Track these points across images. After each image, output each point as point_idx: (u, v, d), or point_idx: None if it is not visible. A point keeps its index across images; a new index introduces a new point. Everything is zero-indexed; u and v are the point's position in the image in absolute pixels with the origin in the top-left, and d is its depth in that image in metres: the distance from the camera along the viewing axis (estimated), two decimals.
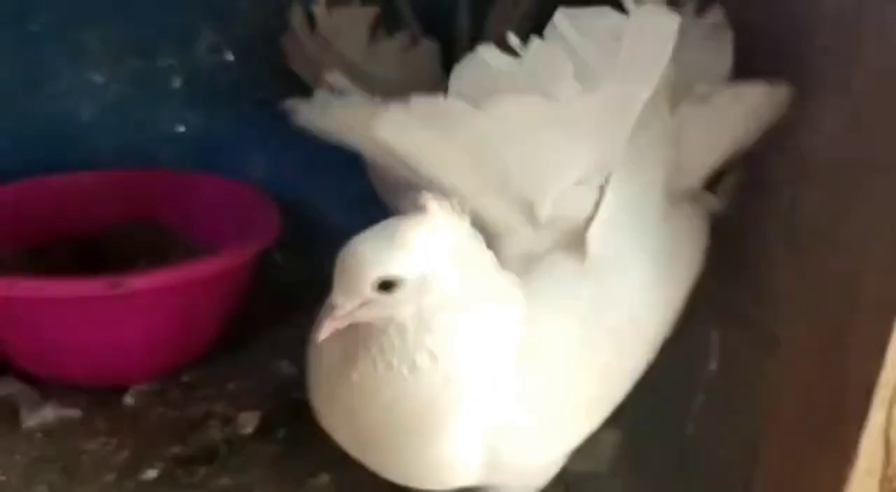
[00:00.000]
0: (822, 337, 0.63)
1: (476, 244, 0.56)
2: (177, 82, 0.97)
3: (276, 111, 0.94)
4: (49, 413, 0.79)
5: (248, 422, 0.79)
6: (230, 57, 0.96)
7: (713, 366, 0.73)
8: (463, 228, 0.55)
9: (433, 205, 0.53)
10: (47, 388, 0.82)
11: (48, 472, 0.73)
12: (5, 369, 0.83)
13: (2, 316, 0.78)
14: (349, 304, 0.53)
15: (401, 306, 0.53)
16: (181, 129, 0.98)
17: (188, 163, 0.97)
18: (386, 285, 0.52)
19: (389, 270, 0.52)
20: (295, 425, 0.79)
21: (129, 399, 0.81)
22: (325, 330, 0.54)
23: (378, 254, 0.53)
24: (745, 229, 0.70)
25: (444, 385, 0.55)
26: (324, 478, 0.73)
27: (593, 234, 0.61)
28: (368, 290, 0.52)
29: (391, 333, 0.54)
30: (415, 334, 0.54)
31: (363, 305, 0.53)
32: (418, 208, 0.53)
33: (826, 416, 0.61)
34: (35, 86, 0.94)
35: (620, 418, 0.80)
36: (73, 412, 0.79)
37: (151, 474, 0.73)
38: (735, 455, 0.70)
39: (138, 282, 0.74)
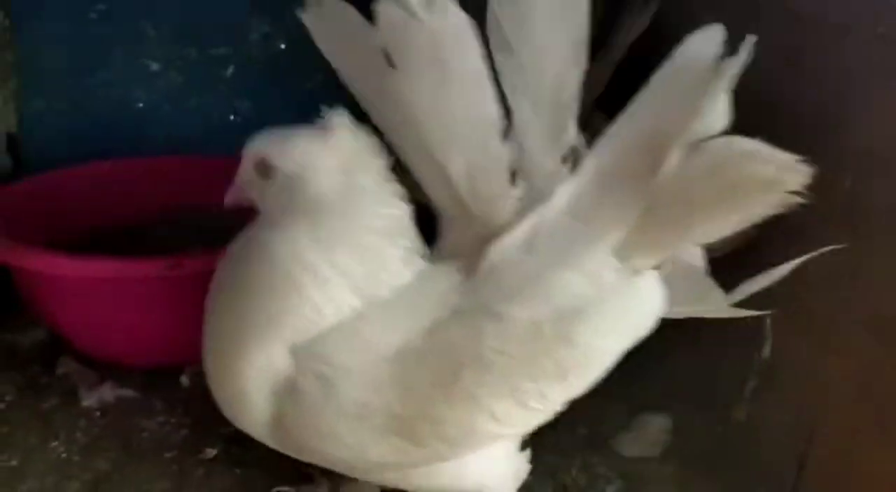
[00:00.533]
0: (878, 322, 0.63)
1: (376, 177, 0.58)
2: (229, 71, 0.98)
3: (326, 100, 0.96)
4: (107, 393, 0.80)
5: None
6: (282, 46, 0.98)
7: (766, 352, 0.73)
8: (363, 152, 0.58)
9: (337, 120, 0.57)
10: (104, 368, 0.83)
11: (109, 450, 0.74)
12: (63, 349, 0.84)
13: (60, 297, 0.79)
14: (242, 177, 0.59)
15: (273, 196, 0.58)
16: (232, 116, 1.00)
17: (240, 150, 0.98)
18: (262, 169, 0.57)
19: (264, 152, 0.58)
20: None
21: (184, 380, 0.82)
22: (228, 197, 0.60)
23: (266, 139, 0.59)
24: (799, 214, 0.70)
25: (295, 284, 0.57)
26: None
27: (489, 258, 0.58)
28: (251, 168, 0.58)
29: (271, 226, 0.58)
30: (286, 232, 0.57)
31: (250, 183, 0.59)
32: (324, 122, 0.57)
33: (885, 397, 0.61)
34: (91, 73, 0.96)
35: (672, 403, 0.81)
36: (130, 392, 0.81)
37: (211, 452, 0.74)
38: (788, 439, 0.70)
39: (195, 263, 0.75)
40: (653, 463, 0.76)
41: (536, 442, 0.77)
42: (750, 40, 0.52)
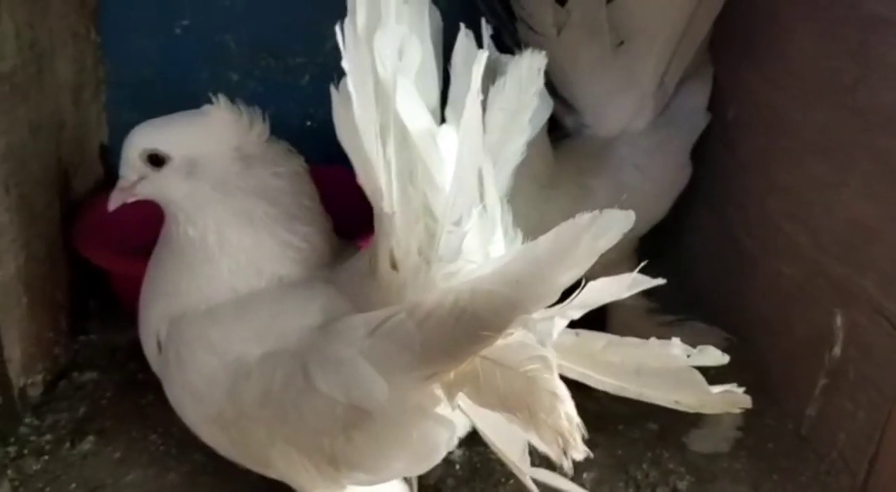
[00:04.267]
0: None
1: (261, 142, 0.62)
2: (305, 79, 1.02)
3: None
4: None
5: None
6: None
7: (837, 350, 0.74)
8: (245, 124, 0.62)
9: (221, 105, 0.62)
10: None
11: (204, 444, 0.78)
12: None
13: None
14: (129, 176, 0.62)
15: (172, 185, 0.61)
16: (308, 122, 1.04)
17: (316, 155, 1.02)
18: (154, 160, 0.61)
19: (152, 143, 0.61)
20: None
21: None
22: (112, 201, 0.64)
23: (148, 130, 0.62)
24: (873, 214, 0.71)
25: (187, 261, 0.62)
26: None
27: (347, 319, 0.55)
28: (139, 162, 0.61)
29: (172, 211, 0.62)
30: (187, 215, 0.61)
31: (141, 179, 0.62)
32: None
33: None
34: (177, 84, 1.00)
35: None
36: None
37: None
38: (859, 435, 0.71)
39: None
40: (723, 459, 0.78)
41: (608, 435, 0.80)
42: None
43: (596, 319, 0.50)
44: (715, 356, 0.50)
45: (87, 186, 0.94)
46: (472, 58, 0.51)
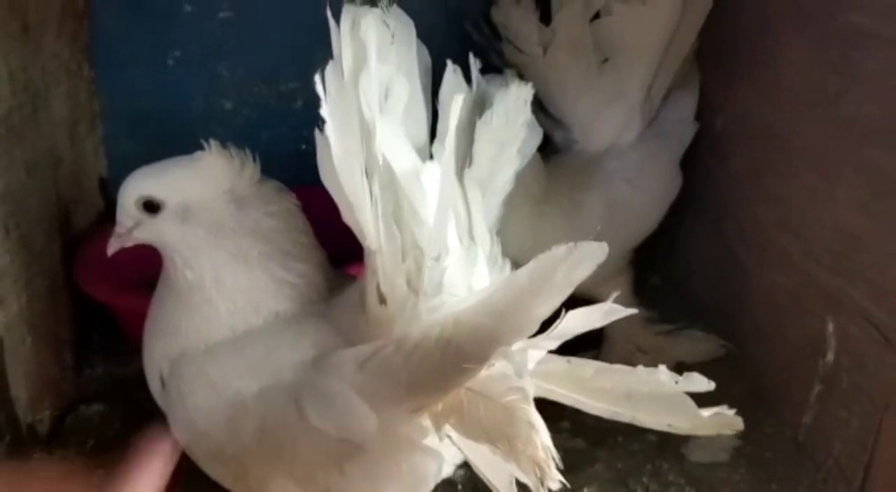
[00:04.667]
0: None
1: (253, 183, 0.64)
2: (298, 103, 1.03)
3: None
4: None
5: None
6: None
7: (830, 357, 0.75)
8: (237, 167, 0.64)
9: (212, 150, 0.63)
10: None
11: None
12: None
13: None
14: (125, 223, 0.64)
15: (167, 230, 0.63)
16: (303, 146, 1.05)
17: (311, 177, 1.03)
18: (149, 207, 0.63)
19: (147, 190, 0.63)
20: None
21: None
22: (111, 247, 0.66)
23: (142, 177, 0.63)
24: (861, 224, 0.71)
25: (185, 302, 0.64)
26: None
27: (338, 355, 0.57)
28: (134, 209, 0.63)
29: (169, 255, 0.64)
30: (184, 259, 0.63)
31: (138, 225, 0.64)
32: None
33: None
34: (172, 115, 1.02)
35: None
36: None
37: None
38: (855, 442, 0.72)
39: None
40: (722, 469, 0.79)
41: (607, 449, 0.81)
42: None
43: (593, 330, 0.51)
44: (701, 383, 0.51)
45: (88, 220, 0.96)
46: (459, 93, 0.53)
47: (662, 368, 0.52)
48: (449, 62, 0.60)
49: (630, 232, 0.92)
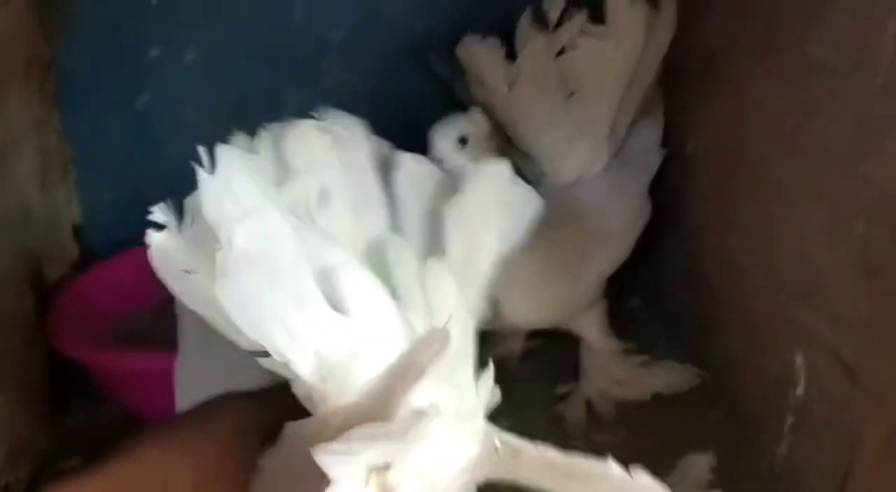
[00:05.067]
0: None
1: None
2: None
3: None
4: None
5: None
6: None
7: (800, 390, 0.75)
8: None
9: None
10: None
11: None
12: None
13: (142, 387, 0.84)
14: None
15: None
16: None
17: None
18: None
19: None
20: None
21: None
22: None
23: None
24: (824, 256, 0.72)
25: None
26: None
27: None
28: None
29: None
30: None
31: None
32: None
33: None
34: (143, 159, 1.02)
35: (714, 440, 0.84)
36: None
37: None
38: (826, 477, 0.72)
39: None
40: None
41: None
42: None
43: (570, 363, 0.50)
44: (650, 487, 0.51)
45: (62, 269, 0.96)
46: (416, 183, 0.56)
47: (609, 460, 0.50)
48: (405, 155, 0.60)
49: (602, 261, 0.92)
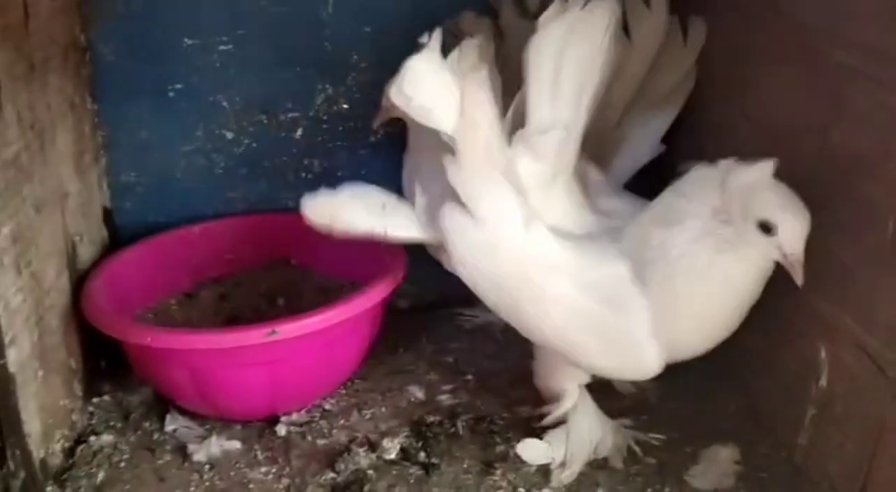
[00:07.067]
0: None
1: None
2: (298, 132, 1.05)
3: (388, 153, 1.03)
4: (214, 447, 0.86)
5: (391, 447, 0.86)
6: (345, 106, 1.04)
7: (823, 382, 0.77)
8: None
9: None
10: (206, 422, 0.90)
11: None
12: (169, 405, 0.92)
13: (168, 365, 0.86)
14: None
15: None
16: (304, 174, 1.07)
17: None
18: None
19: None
20: (431, 448, 0.86)
21: (281, 430, 0.89)
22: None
23: None
24: (851, 253, 0.74)
25: None
26: None
27: None
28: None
29: None
30: None
31: None
32: None
33: None
34: (174, 145, 1.03)
35: (733, 431, 0.86)
36: (235, 444, 0.87)
37: None
38: (849, 467, 0.74)
39: (291, 328, 0.82)
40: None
41: (608, 472, 0.83)
42: None
43: None
44: None
45: (94, 251, 0.97)
46: None
47: None
48: None
49: None
